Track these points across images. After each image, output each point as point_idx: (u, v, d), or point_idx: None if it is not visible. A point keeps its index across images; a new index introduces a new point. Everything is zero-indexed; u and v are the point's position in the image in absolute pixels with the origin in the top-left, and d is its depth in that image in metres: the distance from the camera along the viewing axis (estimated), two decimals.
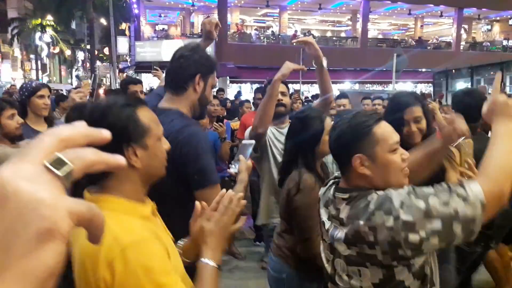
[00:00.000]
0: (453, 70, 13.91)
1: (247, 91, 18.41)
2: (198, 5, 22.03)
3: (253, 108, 5.40)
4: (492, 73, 12.59)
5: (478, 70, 13.05)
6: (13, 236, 0.33)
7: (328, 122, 2.09)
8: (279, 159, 2.51)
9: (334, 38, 25.35)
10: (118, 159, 0.41)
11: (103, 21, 29.74)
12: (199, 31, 22.94)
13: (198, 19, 24.17)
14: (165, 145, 1.18)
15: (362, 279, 1.24)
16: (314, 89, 19.89)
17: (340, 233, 1.25)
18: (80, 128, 0.40)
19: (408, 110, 2.06)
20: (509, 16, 25.44)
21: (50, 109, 3.11)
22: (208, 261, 1.10)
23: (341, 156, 1.35)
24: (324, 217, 1.38)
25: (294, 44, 2.59)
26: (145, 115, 1.11)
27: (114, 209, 1.03)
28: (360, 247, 1.21)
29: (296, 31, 24.36)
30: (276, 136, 2.69)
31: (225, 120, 4.34)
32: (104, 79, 40.32)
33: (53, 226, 0.34)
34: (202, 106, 1.77)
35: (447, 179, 2.02)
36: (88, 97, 3.18)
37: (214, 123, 3.96)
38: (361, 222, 1.19)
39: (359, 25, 22.34)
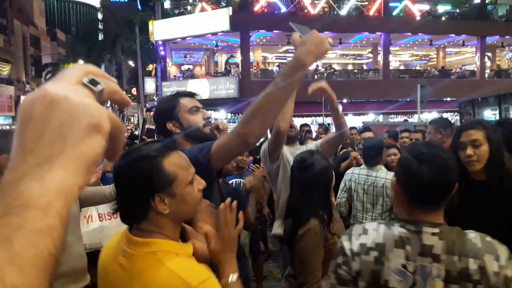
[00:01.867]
0: (479, 99, 13.70)
1: None
2: (222, 45, 22.71)
3: None
4: None
5: (506, 98, 12.80)
6: (68, 127, 0.42)
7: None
8: None
9: (355, 71, 25.49)
10: (129, 100, 0.52)
11: (131, 63, 31.00)
12: (223, 69, 23.57)
13: (221, 58, 24.87)
14: (200, 184, 1.19)
15: None
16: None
17: (436, 271, 1.20)
18: (99, 68, 0.50)
19: (464, 133, 1.92)
20: None
21: None
22: (233, 276, 1.21)
23: (445, 190, 1.27)
24: (395, 260, 1.24)
25: (309, 93, 2.36)
26: (171, 163, 1.11)
27: (167, 251, 1.07)
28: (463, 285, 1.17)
29: (317, 65, 24.66)
30: (293, 154, 2.76)
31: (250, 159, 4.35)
32: (132, 118, 41.53)
33: (100, 123, 0.43)
34: (193, 134, 1.79)
35: None
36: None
37: (251, 164, 3.77)
38: (471, 260, 1.17)
39: (380, 58, 22.43)
